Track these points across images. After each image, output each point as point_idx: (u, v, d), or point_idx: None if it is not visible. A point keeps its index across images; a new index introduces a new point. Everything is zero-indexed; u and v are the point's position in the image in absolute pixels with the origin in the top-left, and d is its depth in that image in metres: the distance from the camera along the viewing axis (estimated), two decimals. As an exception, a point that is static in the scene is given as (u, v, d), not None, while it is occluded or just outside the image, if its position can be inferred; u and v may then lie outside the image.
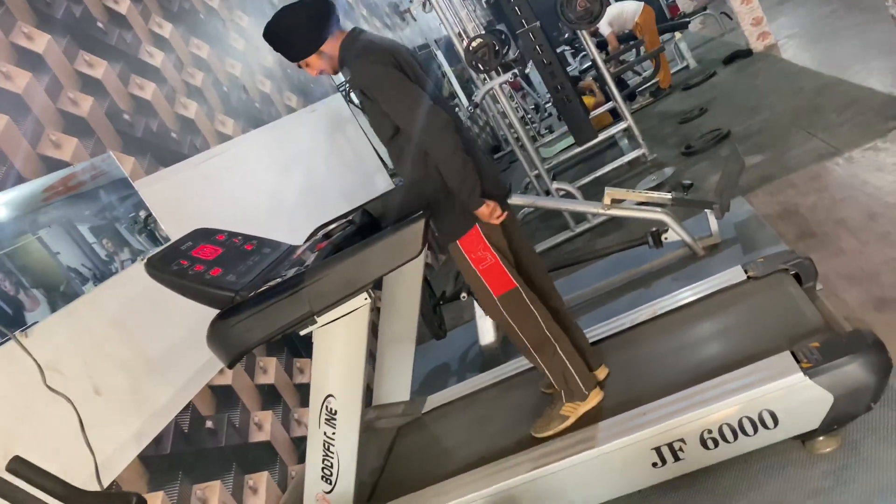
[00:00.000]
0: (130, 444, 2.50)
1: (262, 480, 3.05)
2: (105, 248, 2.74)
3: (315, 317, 2.08)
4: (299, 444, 3.36)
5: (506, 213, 2.31)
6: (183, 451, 2.73)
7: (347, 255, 2.03)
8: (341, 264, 2.02)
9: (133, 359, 2.70)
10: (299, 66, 2.40)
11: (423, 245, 2.02)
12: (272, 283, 2.21)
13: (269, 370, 3.46)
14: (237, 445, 3.01)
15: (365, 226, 2.60)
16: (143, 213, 3.04)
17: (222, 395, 3.07)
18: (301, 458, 3.30)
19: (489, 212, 2.23)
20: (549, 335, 2.37)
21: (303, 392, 3.60)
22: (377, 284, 2.29)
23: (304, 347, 3.79)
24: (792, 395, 1.93)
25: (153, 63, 3.69)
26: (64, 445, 2.19)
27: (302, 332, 2.13)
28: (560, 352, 2.38)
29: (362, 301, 2.07)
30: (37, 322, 2.36)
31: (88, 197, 2.80)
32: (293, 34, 2.28)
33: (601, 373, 2.51)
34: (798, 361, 1.96)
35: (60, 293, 2.49)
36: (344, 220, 2.64)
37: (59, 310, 2.46)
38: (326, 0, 2.33)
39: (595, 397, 2.38)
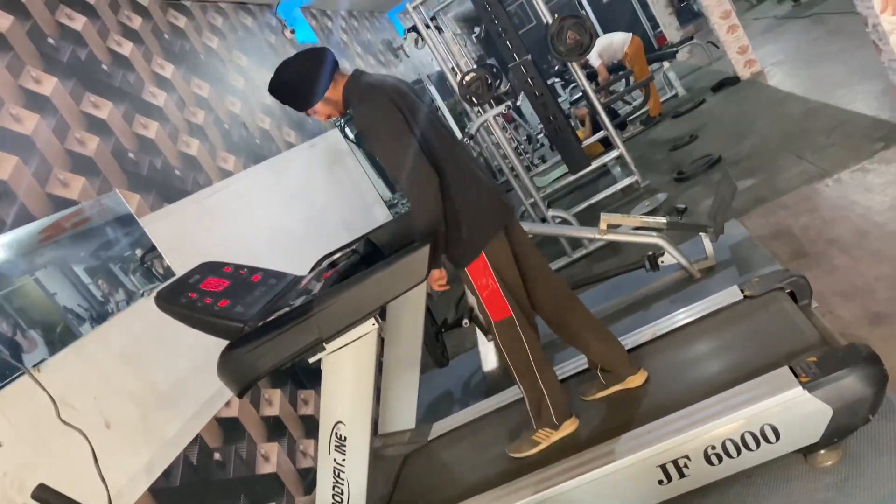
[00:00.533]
0: (141, 476, 2.52)
1: (269, 512, 3.06)
2: (101, 289, 2.76)
3: (324, 343, 2.12)
4: (305, 476, 3.37)
5: (446, 285, 2.37)
6: (192, 482, 2.75)
7: (355, 282, 2.08)
8: (349, 291, 2.07)
9: (142, 393, 2.74)
10: (307, 115, 2.48)
11: (429, 270, 2.08)
12: (281, 312, 2.26)
13: (274, 402, 3.48)
14: (245, 477, 3.03)
15: (369, 255, 2.66)
16: (139, 252, 3.04)
17: (229, 428, 3.10)
18: (308, 490, 3.32)
19: (437, 277, 2.30)
20: (532, 365, 2.46)
21: (307, 423, 3.62)
22: (381, 313, 2.34)
23: (307, 379, 3.82)
24: (792, 409, 1.97)
25: (156, 103, 3.78)
26: (78, 478, 2.21)
27: (311, 360, 2.18)
28: (540, 382, 2.47)
29: (370, 327, 2.12)
30: (44, 359, 2.39)
31: (84, 237, 2.82)
32: (297, 86, 2.36)
33: (640, 377, 2.53)
34: (797, 376, 2.00)
35: (58, 334, 2.49)
36: (348, 250, 2.70)
37: (68, 346, 2.50)
38: (323, 49, 2.41)
39: (568, 427, 2.48)
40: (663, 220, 3.66)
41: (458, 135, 9.38)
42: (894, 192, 3.30)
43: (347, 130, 6.07)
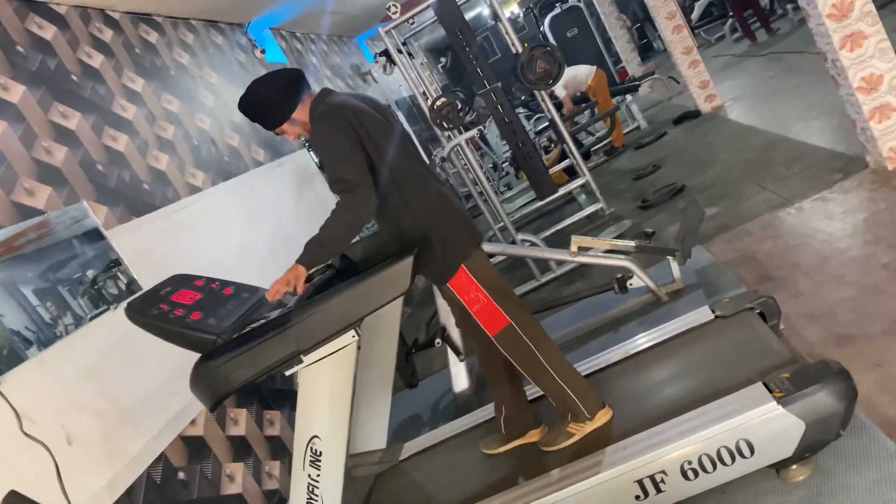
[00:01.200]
0: (103, 494, 2.43)
1: (234, 534, 2.97)
2: (49, 312, 2.63)
3: (302, 356, 2.09)
4: (271, 498, 3.29)
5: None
6: (155, 502, 2.66)
7: (336, 293, 2.06)
8: (330, 302, 2.05)
9: (105, 409, 2.65)
10: (276, 134, 2.44)
11: (411, 282, 2.07)
12: (256, 324, 2.22)
13: (240, 422, 3.40)
14: (210, 498, 2.94)
15: (344, 270, 2.63)
16: (91, 273, 2.90)
17: (194, 447, 3.01)
18: (273, 512, 3.24)
19: (293, 277, 2.20)
20: (545, 365, 2.41)
21: (273, 444, 3.54)
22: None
23: (273, 399, 3.75)
24: (766, 424, 2.01)
25: (126, 116, 3.73)
26: (39, 493, 2.13)
27: (287, 372, 2.14)
28: (558, 380, 2.41)
29: (350, 339, 2.09)
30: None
31: (34, 258, 2.69)
32: (265, 106, 2.34)
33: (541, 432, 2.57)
34: (770, 391, 2.04)
35: (3, 357, 2.37)
36: (322, 265, 2.67)
37: (29, 360, 2.41)
38: (296, 70, 2.41)
39: (603, 417, 2.42)
40: (632, 243, 3.72)
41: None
42: (854, 219, 3.42)
43: (312, 154, 6.05)
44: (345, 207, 2.19)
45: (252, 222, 4.41)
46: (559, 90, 8.35)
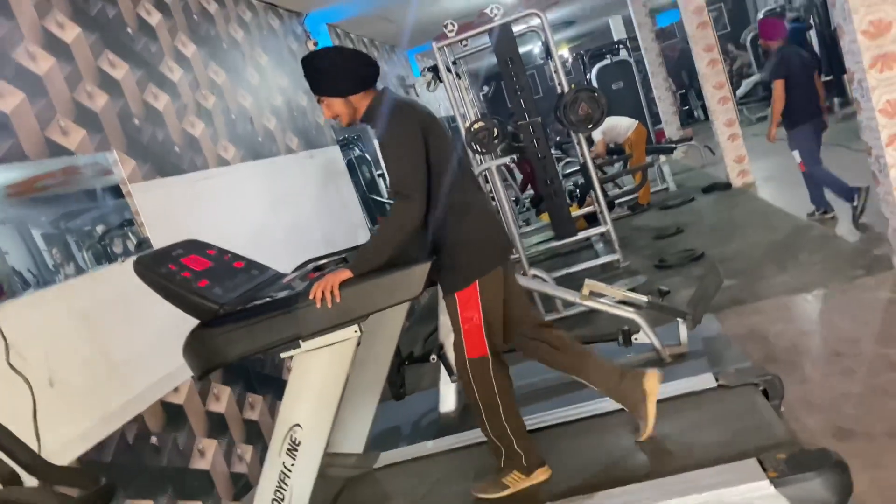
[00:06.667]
0: (75, 442, 2.39)
1: (194, 510, 2.91)
2: (53, 258, 2.60)
3: (301, 341, 2.06)
4: (237, 481, 3.24)
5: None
6: (123, 462, 2.62)
7: (348, 285, 2.04)
8: (340, 292, 2.03)
9: (93, 359, 2.62)
10: (318, 102, 2.44)
11: (423, 288, 2.04)
12: (261, 301, 2.20)
13: (222, 399, 3.36)
14: (177, 468, 2.89)
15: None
16: (100, 229, 2.88)
17: (173, 414, 2.97)
18: (237, 496, 3.18)
19: (334, 280, 2.10)
20: (500, 410, 2.39)
21: (250, 428, 3.50)
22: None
23: (258, 383, 3.71)
24: (755, 502, 1.95)
25: (171, 77, 3.74)
26: (10, 427, 2.09)
27: (283, 355, 2.11)
28: (507, 428, 2.40)
29: (351, 333, 2.06)
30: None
31: (50, 202, 2.66)
32: (330, 72, 2.33)
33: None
34: (765, 469, 1.99)
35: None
36: (337, 257, 2.66)
37: (28, 294, 2.39)
38: (376, 62, 2.41)
39: (541, 475, 2.41)
40: (644, 298, 3.68)
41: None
42: (871, 318, 3.38)
43: (342, 153, 6.05)
44: (400, 213, 2.18)
45: (273, 206, 4.40)
46: (596, 135, 8.35)
